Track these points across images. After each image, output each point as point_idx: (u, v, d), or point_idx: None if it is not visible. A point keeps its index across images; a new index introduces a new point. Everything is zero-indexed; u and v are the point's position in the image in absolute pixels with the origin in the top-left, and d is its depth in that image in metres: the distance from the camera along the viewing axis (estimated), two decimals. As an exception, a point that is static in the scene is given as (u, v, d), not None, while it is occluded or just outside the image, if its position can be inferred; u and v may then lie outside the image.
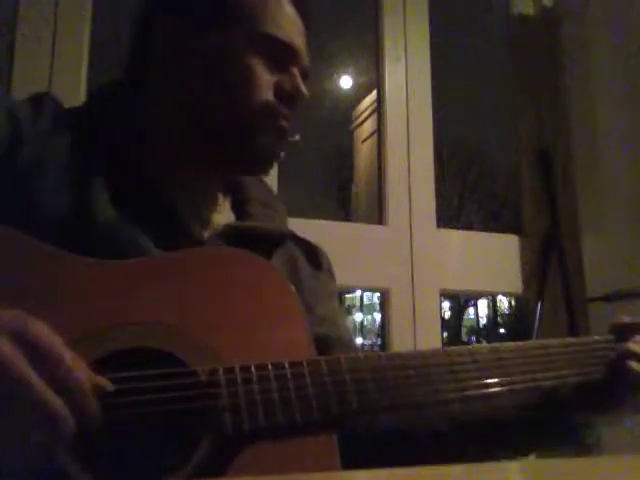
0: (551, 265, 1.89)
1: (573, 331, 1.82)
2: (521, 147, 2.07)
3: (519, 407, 0.81)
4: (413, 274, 1.83)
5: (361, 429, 0.78)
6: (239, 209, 0.88)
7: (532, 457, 0.82)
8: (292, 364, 0.63)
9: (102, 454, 0.56)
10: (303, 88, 0.84)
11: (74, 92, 1.55)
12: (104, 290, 0.64)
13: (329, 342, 0.82)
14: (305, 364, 0.64)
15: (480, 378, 0.70)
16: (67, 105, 0.81)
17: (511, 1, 2.15)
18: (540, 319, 1.82)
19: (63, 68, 1.57)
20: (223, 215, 0.86)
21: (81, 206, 0.71)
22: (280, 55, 0.82)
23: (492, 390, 0.70)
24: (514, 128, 2.10)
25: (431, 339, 1.81)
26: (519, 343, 0.76)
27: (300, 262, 0.89)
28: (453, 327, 9.08)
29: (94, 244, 0.67)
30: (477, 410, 0.81)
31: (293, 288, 0.71)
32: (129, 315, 0.63)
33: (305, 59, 0.86)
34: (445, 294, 3.21)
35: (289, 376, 0.62)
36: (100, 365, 0.58)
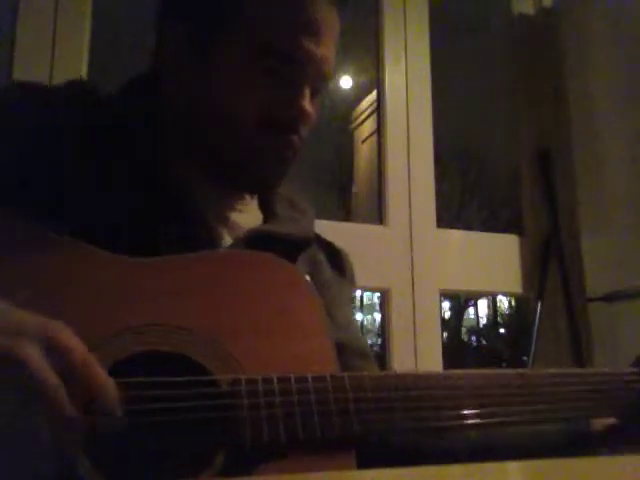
0: (551, 265, 1.89)
1: (573, 331, 1.82)
2: (521, 147, 2.07)
3: (542, 434, 0.79)
4: (413, 274, 1.83)
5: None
6: (267, 208, 0.85)
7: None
8: (315, 378, 0.62)
9: (119, 461, 0.55)
10: (308, 107, 0.75)
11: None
12: (128, 289, 0.63)
13: (344, 349, 0.79)
14: (329, 379, 0.62)
15: (503, 404, 0.69)
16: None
17: (511, 1, 2.15)
18: (540, 319, 1.83)
19: (63, 68, 1.57)
20: (249, 215, 0.82)
21: (103, 206, 0.69)
22: (287, 69, 0.73)
23: (514, 418, 0.69)
24: (514, 128, 2.10)
25: (431, 339, 1.81)
26: (545, 371, 0.74)
27: (323, 266, 0.87)
28: (453, 327, 9.07)
29: (115, 245, 0.65)
30: (496, 436, 0.78)
31: (319, 298, 0.70)
32: (152, 316, 0.61)
33: (322, 69, 0.76)
34: (445, 294, 3.20)
35: (311, 390, 0.61)
36: (121, 367, 0.57)
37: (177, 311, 0.62)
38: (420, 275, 1.84)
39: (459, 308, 9.19)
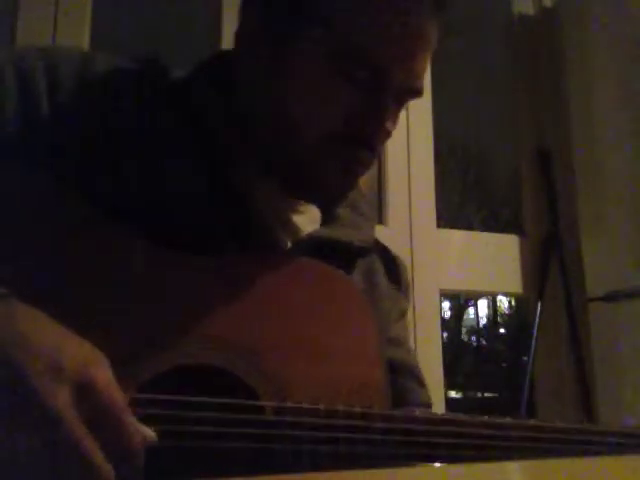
0: (551, 265, 1.89)
1: (573, 331, 1.82)
2: (521, 147, 2.07)
3: None
4: (413, 274, 1.83)
5: None
6: (327, 209, 0.79)
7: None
8: (365, 415, 0.58)
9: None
10: (390, 126, 0.68)
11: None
12: (176, 293, 0.59)
13: (394, 367, 0.76)
14: (379, 416, 0.58)
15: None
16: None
17: (511, 1, 2.15)
18: (540, 319, 1.82)
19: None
20: (307, 215, 0.76)
21: (164, 198, 0.65)
22: (375, 81, 0.65)
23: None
24: (514, 128, 2.10)
25: (431, 339, 1.81)
26: (564, 426, 0.67)
27: (379, 276, 0.82)
28: (453, 327, 9.07)
29: (171, 237, 0.62)
30: None
31: (376, 317, 0.66)
32: (202, 326, 0.58)
33: (412, 86, 0.69)
34: (445, 294, 3.19)
35: (360, 429, 0.57)
36: (163, 379, 0.55)
37: (226, 322, 0.59)
38: (420, 275, 1.84)
39: (459, 308, 9.19)
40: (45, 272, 0.57)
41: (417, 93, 0.71)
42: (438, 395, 1.77)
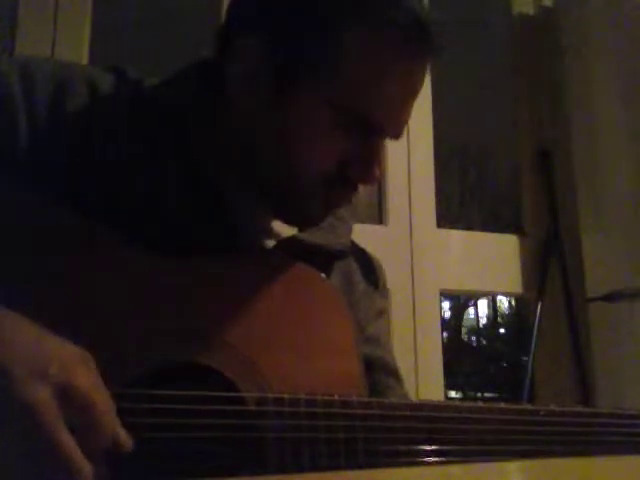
0: (551, 265, 1.89)
1: (573, 331, 1.82)
2: (521, 147, 2.07)
3: None
4: (413, 274, 1.83)
5: None
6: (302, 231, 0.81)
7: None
8: (343, 402, 0.60)
9: (137, 476, 0.54)
10: (375, 174, 0.71)
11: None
12: (160, 291, 0.61)
13: (371, 365, 0.79)
14: (356, 403, 0.61)
15: (513, 443, 0.64)
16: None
17: (511, 1, 2.15)
18: (540, 319, 1.83)
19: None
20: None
21: (147, 202, 0.67)
22: (363, 130, 0.69)
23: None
24: (514, 128, 2.10)
25: (431, 339, 1.81)
26: (551, 408, 0.69)
27: (356, 277, 0.86)
28: (453, 327, 9.07)
29: (155, 241, 0.64)
30: None
31: (352, 316, 0.69)
32: (184, 322, 0.60)
33: (400, 133, 0.73)
34: (445, 294, 3.19)
35: (339, 416, 0.60)
36: (149, 375, 0.57)
37: (208, 320, 0.61)
38: (420, 275, 1.84)
39: (459, 308, 9.18)
40: (29, 277, 0.57)
41: (399, 138, 0.75)
42: (438, 395, 1.77)
